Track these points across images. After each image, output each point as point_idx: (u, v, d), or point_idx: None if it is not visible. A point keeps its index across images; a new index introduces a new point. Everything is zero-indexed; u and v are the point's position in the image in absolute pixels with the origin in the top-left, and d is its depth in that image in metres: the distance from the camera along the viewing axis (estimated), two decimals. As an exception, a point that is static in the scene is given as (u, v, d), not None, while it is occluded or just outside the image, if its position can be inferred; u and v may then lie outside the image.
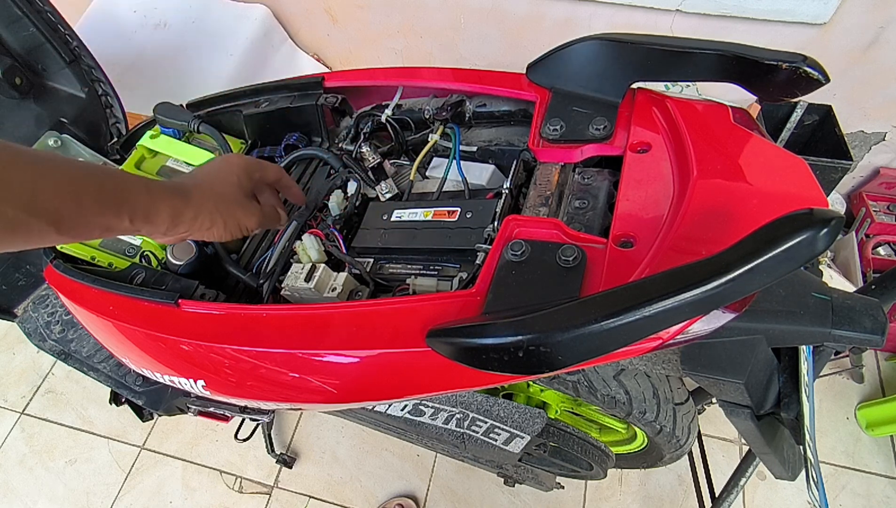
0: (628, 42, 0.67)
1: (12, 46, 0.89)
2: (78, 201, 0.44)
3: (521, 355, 0.43)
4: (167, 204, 0.52)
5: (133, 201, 0.49)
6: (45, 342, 0.97)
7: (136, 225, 0.50)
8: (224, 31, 1.63)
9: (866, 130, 1.48)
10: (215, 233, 0.59)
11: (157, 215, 0.51)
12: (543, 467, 1.04)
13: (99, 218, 0.46)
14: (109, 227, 0.47)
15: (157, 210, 0.51)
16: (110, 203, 0.47)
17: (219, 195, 0.59)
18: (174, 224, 0.54)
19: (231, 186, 0.61)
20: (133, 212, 0.49)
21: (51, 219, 0.42)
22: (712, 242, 0.51)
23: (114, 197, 0.47)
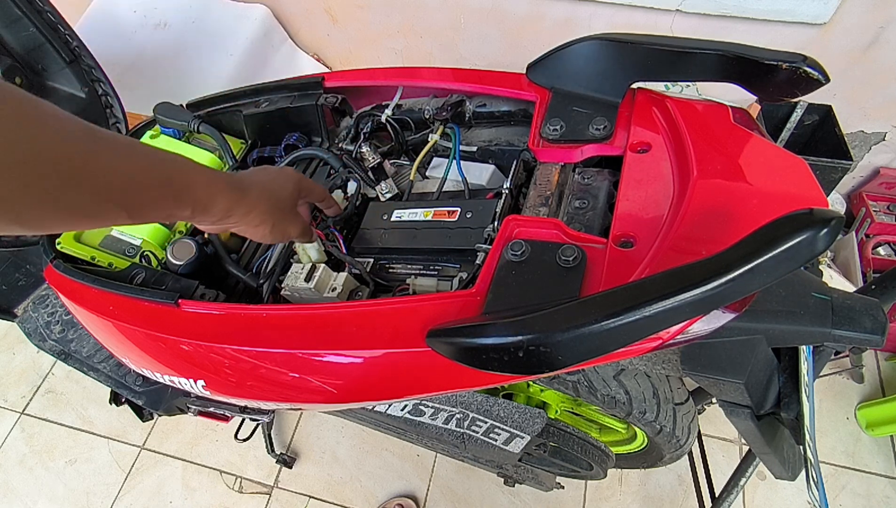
0: (628, 42, 0.67)
1: (12, 46, 0.89)
2: (148, 191, 0.45)
3: (521, 355, 0.43)
4: (225, 197, 0.54)
5: (195, 192, 0.51)
6: (45, 342, 0.97)
7: (194, 214, 0.52)
8: (224, 31, 1.63)
9: (866, 130, 1.48)
10: (261, 232, 0.62)
11: (214, 206, 0.53)
12: (543, 467, 1.04)
13: (164, 206, 0.48)
14: (171, 215, 0.49)
15: (214, 202, 0.53)
16: (176, 194, 0.48)
17: (274, 199, 0.61)
18: (227, 215, 0.56)
19: (286, 193, 0.64)
20: (194, 203, 0.51)
21: (123, 206, 0.43)
22: (712, 242, 0.51)
23: (180, 188, 0.49)
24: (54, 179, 0.37)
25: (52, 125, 0.37)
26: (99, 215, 0.42)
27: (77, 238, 0.79)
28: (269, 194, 0.61)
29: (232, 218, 0.57)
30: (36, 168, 0.35)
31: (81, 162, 0.39)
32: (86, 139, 0.39)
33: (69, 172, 0.38)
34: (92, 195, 0.40)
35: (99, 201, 0.41)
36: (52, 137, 0.36)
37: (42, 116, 0.36)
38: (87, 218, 0.41)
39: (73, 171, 0.38)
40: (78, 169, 0.38)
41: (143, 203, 0.45)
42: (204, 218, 0.53)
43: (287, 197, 0.64)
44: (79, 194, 0.39)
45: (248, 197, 0.57)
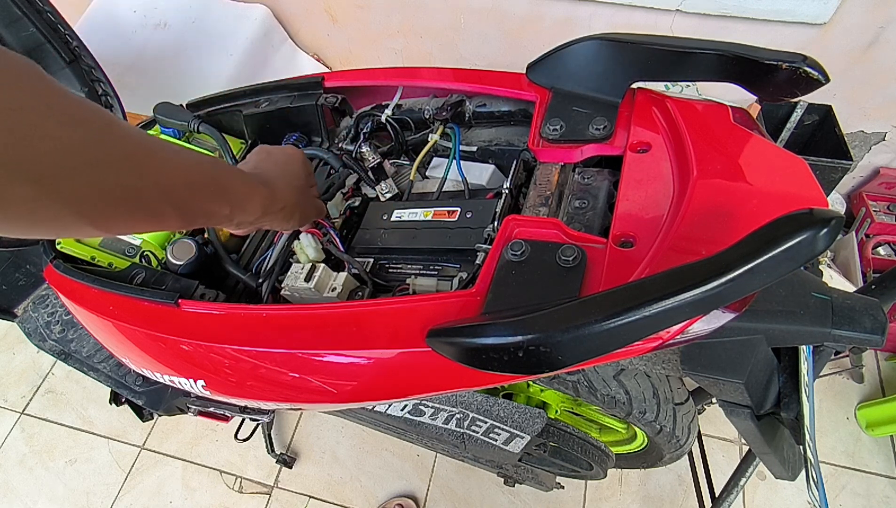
0: (628, 42, 0.67)
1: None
2: (199, 193, 0.47)
3: (521, 355, 0.43)
4: (259, 196, 0.55)
5: (234, 192, 0.52)
6: (45, 342, 0.97)
7: (233, 214, 0.52)
8: (224, 31, 1.63)
9: (866, 130, 1.48)
10: (291, 223, 0.63)
11: (252, 205, 0.54)
12: (543, 467, 1.04)
13: (210, 207, 0.49)
14: (214, 214, 0.50)
15: (251, 201, 0.54)
16: (219, 195, 0.49)
17: (298, 189, 0.62)
18: (264, 214, 0.56)
19: (303, 179, 0.64)
20: (234, 203, 0.52)
21: (179, 208, 0.44)
22: (712, 242, 0.51)
23: (222, 189, 0.50)
24: (124, 179, 0.38)
25: (118, 130, 0.38)
26: (158, 216, 0.43)
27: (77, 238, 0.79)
28: (293, 186, 0.62)
29: (268, 216, 0.58)
30: (109, 169, 0.37)
31: (145, 163, 0.40)
32: (145, 142, 0.41)
33: (137, 173, 0.39)
34: (154, 195, 0.41)
35: (159, 200, 0.42)
36: (120, 141, 0.38)
37: (111, 122, 0.38)
38: (147, 219, 0.42)
39: (139, 170, 0.40)
40: (143, 170, 0.40)
41: (193, 203, 0.46)
42: (242, 217, 0.54)
43: (304, 180, 0.64)
44: (142, 194, 0.40)
45: (278, 193, 0.58)
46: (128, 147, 0.39)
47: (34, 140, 0.31)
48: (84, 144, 0.35)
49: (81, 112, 0.35)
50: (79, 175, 0.35)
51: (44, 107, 0.32)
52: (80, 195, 0.35)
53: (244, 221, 0.55)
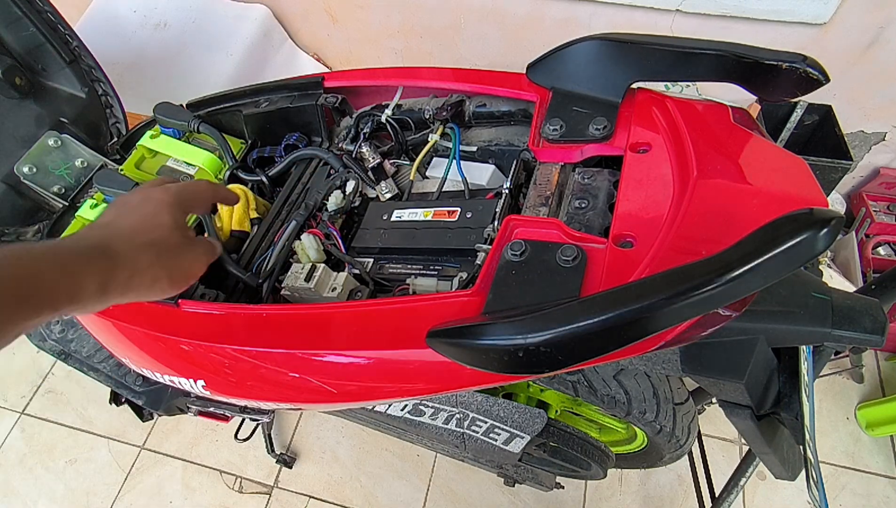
0: (628, 42, 0.67)
1: (12, 46, 0.89)
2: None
3: (521, 355, 0.43)
4: (91, 274, 0.42)
5: (50, 287, 0.39)
6: (45, 342, 0.97)
7: (61, 311, 0.40)
8: (224, 31, 1.63)
9: (866, 130, 1.48)
10: (160, 289, 0.49)
11: (83, 292, 0.41)
12: (543, 467, 1.04)
13: (18, 321, 0.37)
14: (27, 327, 0.38)
15: (80, 287, 0.41)
16: (27, 303, 0.37)
17: (153, 244, 0.48)
18: (104, 294, 0.43)
19: (165, 228, 0.50)
20: (54, 301, 0.39)
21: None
22: (712, 242, 0.50)
23: (28, 293, 0.37)
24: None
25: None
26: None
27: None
28: (145, 242, 0.48)
29: (113, 293, 0.44)
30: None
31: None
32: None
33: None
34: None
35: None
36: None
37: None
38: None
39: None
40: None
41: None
42: (77, 308, 0.41)
43: (168, 233, 0.50)
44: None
45: (121, 259, 0.45)
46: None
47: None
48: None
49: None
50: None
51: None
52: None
53: (83, 309, 0.42)
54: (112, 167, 0.88)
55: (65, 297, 0.40)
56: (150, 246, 0.48)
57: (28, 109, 0.90)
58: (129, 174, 0.85)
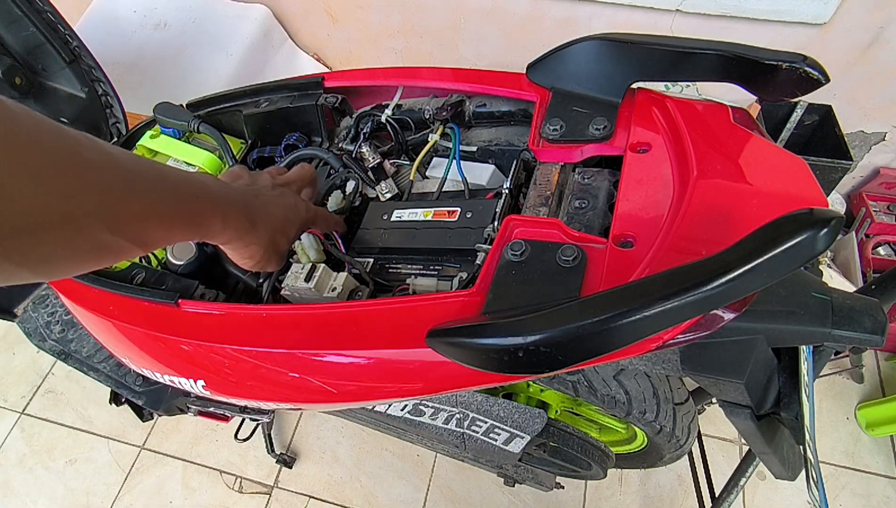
0: (628, 42, 0.67)
1: (12, 46, 0.89)
2: (160, 224, 0.43)
3: (521, 355, 0.43)
4: (234, 227, 0.53)
5: (207, 224, 0.49)
6: (45, 342, 0.97)
7: (199, 238, 0.51)
8: (224, 31, 1.63)
9: (866, 130, 1.48)
10: (244, 262, 0.60)
11: (220, 236, 0.52)
12: (543, 467, 1.04)
13: (173, 236, 0.46)
14: (174, 241, 0.47)
15: (221, 232, 0.51)
16: (187, 225, 0.47)
17: (275, 239, 0.59)
18: (226, 242, 0.54)
19: (288, 236, 0.62)
20: (205, 233, 0.50)
21: (137, 240, 0.41)
22: (712, 242, 0.50)
23: (191, 220, 0.47)
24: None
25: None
26: (113, 252, 0.39)
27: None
28: (273, 234, 0.59)
29: (231, 246, 0.55)
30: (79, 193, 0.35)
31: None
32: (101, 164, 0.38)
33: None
34: (105, 233, 0.38)
35: (112, 236, 0.38)
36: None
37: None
38: (100, 255, 0.39)
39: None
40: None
41: (156, 237, 0.43)
42: (207, 240, 0.52)
43: (287, 240, 0.62)
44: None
45: (255, 232, 0.56)
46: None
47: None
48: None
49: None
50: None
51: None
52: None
53: (207, 241, 0.52)
54: None
55: (209, 235, 0.50)
56: (272, 238, 0.58)
57: (28, 110, 0.90)
58: None
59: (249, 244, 0.56)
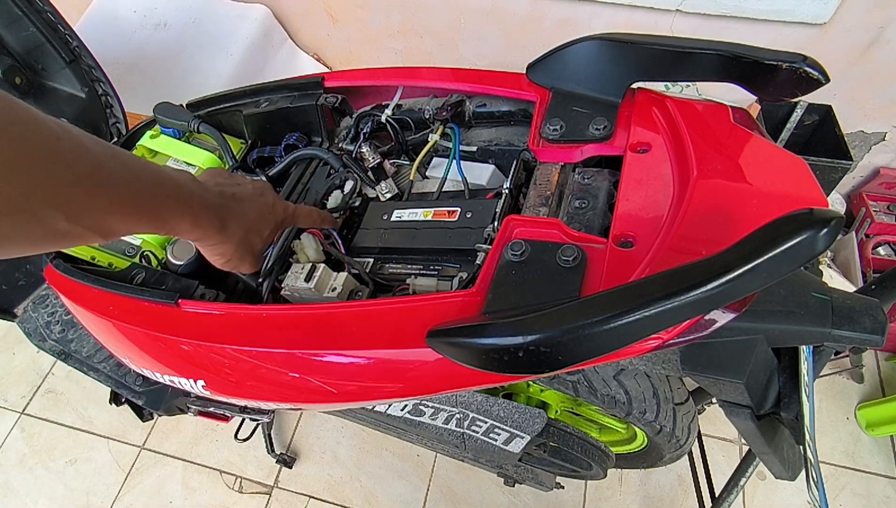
0: (628, 42, 0.67)
1: (12, 46, 0.89)
2: (123, 218, 0.43)
3: (521, 355, 0.43)
4: (202, 226, 0.53)
5: (173, 222, 0.49)
6: (45, 342, 0.97)
7: (165, 234, 0.51)
8: (224, 31, 1.63)
9: (866, 130, 1.48)
10: (216, 260, 0.62)
11: (189, 234, 0.53)
12: (543, 467, 1.04)
13: (135, 229, 0.46)
14: (137, 233, 0.47)
15: (190, 230, 0.52)
16: (152, 221, 0.47)
17: (247, 240, 0.60)
18: (195, 240, 0.55)
19: (260, 237, 0.62)
20: (171, 230, 0.50)
21: (96, 230, 0.41)
22: (712, 242, 0.51)
23: (157, 215, 0.47)
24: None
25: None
26: (71, 239, 0.39)
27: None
28: (246, 233, 0.60)
29: (199, 243, 0.56)
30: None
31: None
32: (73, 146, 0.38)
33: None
34: (65, 222, 0.37)
35: (73, 225, 0.38)
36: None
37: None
38: (57, 242, 0.39)
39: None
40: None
41: (118, 228, 0.43)
42: (175, 235, 0.54)
43: (261, 240, 0.63)
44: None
45: (225, 232, 0.56)
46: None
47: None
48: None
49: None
50: None
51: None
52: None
53: (176, 236, 0.54)
54: None
55: (177, 231, 0.50)
56: (244, 238, 0.59)
57: (28, 109, 0.90)
58: None
59: (219, 243, 0.57)
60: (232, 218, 0.57)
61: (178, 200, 0.49)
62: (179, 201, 0.50)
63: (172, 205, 0.49)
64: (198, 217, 0.52)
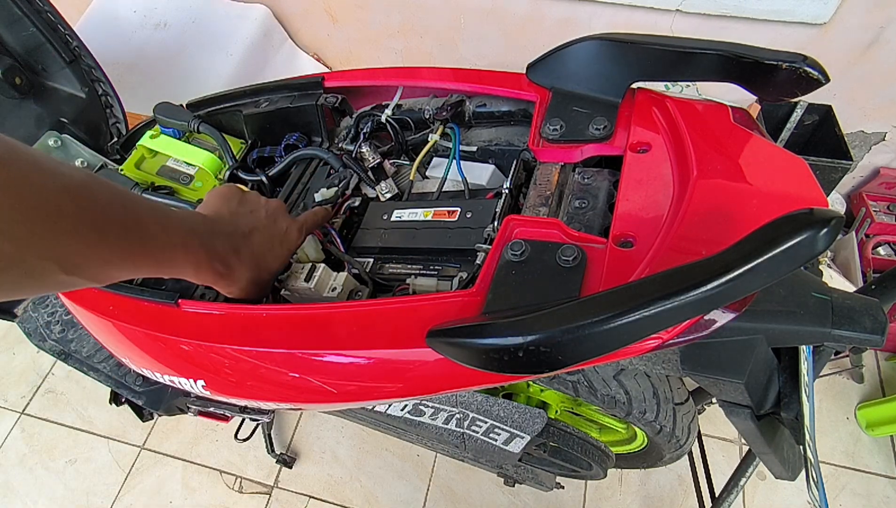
0: (628, 42, 0.67)
1: (12, 46, 0.88)
2: (122, 269, 0.40)
3: (521, 355, 0.43)
4: (207, 273, 0.51)
5: (176, 269, 0.47)
6: (45, 342, 0.97)
7: (167, 277, 0.50)
8: (224, 31, 1.63)
9: (866, 130, 1.48)
10: (226, 293, 0.60)
11: (193, 279, 0.51)
12: (543, 467, 1.04)
13: (136, 275, 0.43)
14: (137, 276, 0.45)
15: (193, 276, 0.50)
16: (154, 269, 0.44)
17: (253, 280, 0.58)
18: (201, 283, 0.53)
19: (268, 272, 0.60)
20: (173, 274, 0.48)
21: (94, 279, 0.39)
22: (712, 242, 0.50)
23: (160, 265, 0.44)
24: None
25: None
26: (36, 280, 0.35)
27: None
28: (255, 272, 0.57)
29: (204, 285, 0.55)
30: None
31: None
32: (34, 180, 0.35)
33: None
34: (37, 259, 0.34)
35: (46, 263, 0.35)
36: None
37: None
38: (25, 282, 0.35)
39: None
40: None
41: (93, 273, 0.39)
42: (176, 277, 0.50)
43: (270, 273, 0.61)
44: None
45: (231, 275, 0.54)
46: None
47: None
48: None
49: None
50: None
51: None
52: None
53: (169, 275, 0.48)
54: (112, 167, 0.88)
55: (174, 273, 0.47)
56: (252, 274, 0.57)
57: (28, 109, 0.90)
58: (129, 174, 0.85)
59: (225, 286, 0.56)
60: (238, 263, 0.55)
61: (185, 248, 0.47)
62: (186, 249, 0.47)
63: (177, 255, 0.47)
64: (201, 266, 0.50)
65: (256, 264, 0.58)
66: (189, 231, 0.48)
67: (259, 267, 0.59)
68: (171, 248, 0.46)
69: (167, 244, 0.45)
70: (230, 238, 0.54)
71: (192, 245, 0.48)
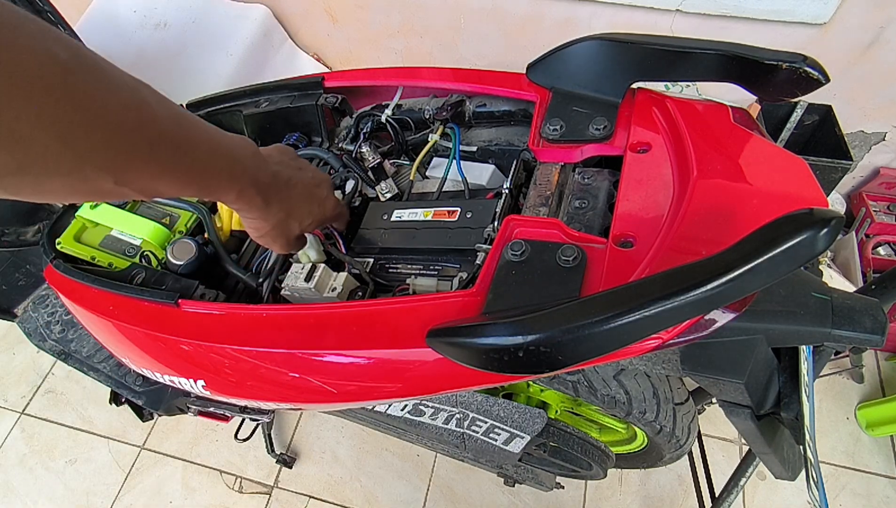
0: (628, 42, 0.67)
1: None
2: (171, 185, 0.43)
3: (521, 355, 0.43)
4: (245, 200, 0.52)
5: (219, 192, 0.49)
6: (45, 342, 0.97)
7: (207, 199, 0.53)
8: (224, 31, 1.63)
9: (866, 130, 1.48)
10: (250, 233, 0.60)
11: (231, 204, 0.52)
12: (543, 467, 1.04)
13: (181, 193, 0.45)
14: (181, 196, 0.48)
15: (233, 201, 0.51)
16: (199, 190, 0.46)
17: (282, 224, 0.59)
18: (235, 209, 0.54)
19: (299, 224, 0.61)
20: (214, 197, 0.50)
21: (142, 192, 0.40)
22: (712, 242, 0.51)
23: (205, 186, 0.47)
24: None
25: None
26: (114, 196, 0.39)
27: (77, 238, 0.79)
28: (287, 218, 0.59)
29: (238, 212, 0.56)
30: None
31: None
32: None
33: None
34: (113, 184, 0.37)
35: (118, 187, 0.38)
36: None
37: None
38: (101, 197, 0.39)
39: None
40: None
41: (161, 191, 0.43)
42: (215, 200, 0.53)
43: (299, 226, 0.61)
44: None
45: (267, 210, 0.55)
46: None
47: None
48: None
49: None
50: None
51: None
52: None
53: (210, 198, 0.52)
54: None
55: (221, 198, 0.51)
56: (284, 219, 0.58)
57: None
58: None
59: (257, 219, 0.56)
60: (277, 201, 0.57)
61: (231, 174, 0.49)
62: (231, 176, 0.49)
63: (223, 178, 0.48)
64: (243, 192, 0.52)
65: (290, 211, 0.59)
66: (238, 160, 0.50)
67: (291, 214, 0.59)
68: (218, 173, 0.47)
69: (214, 169, 0.47)
70: (275, 177, 0.56)
71: (237, 172, 0.50)
